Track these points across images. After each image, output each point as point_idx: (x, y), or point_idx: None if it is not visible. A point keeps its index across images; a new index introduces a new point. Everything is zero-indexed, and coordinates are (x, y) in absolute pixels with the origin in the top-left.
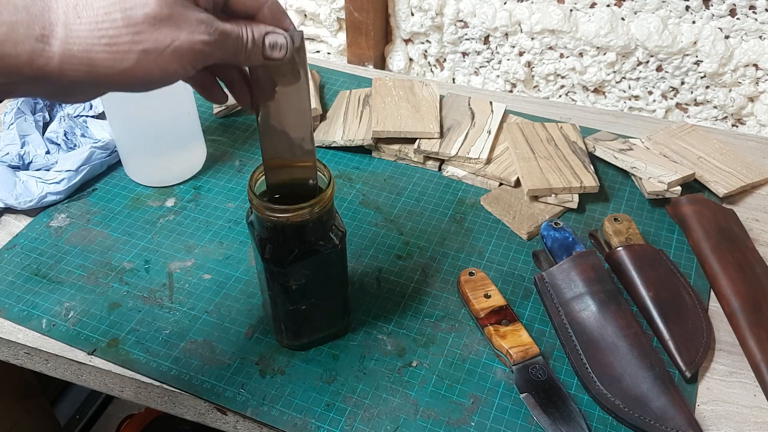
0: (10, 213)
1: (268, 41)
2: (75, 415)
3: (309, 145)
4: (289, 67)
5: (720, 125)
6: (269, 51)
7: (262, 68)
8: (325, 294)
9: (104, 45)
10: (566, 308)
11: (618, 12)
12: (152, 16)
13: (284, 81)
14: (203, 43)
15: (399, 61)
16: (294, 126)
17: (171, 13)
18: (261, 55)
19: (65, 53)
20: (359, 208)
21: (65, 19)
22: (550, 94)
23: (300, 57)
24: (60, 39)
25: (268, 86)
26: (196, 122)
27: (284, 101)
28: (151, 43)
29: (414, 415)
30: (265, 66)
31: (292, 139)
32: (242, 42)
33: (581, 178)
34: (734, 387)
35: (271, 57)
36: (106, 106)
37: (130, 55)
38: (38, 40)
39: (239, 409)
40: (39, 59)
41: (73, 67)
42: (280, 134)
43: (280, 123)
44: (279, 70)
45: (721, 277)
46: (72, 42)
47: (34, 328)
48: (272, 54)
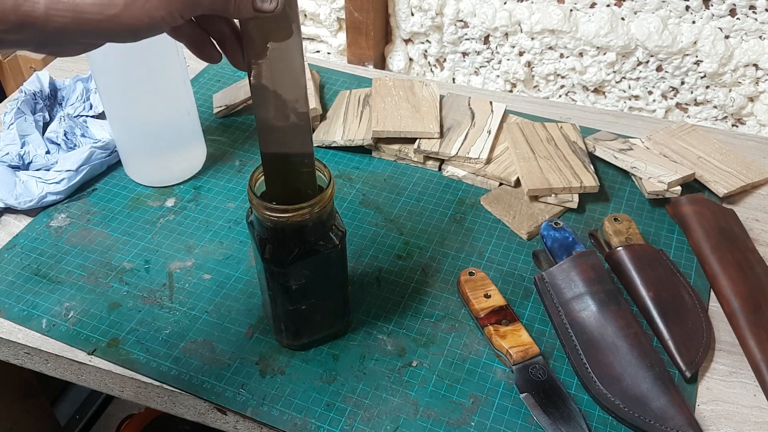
0: (10, 213)
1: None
2: (75, 415)
3: (303, 107)
4: (281, 22)
5: (720, 125)
6: (260, 3)
7: (254, 23)
8: (325, 294)
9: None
10: (566, 308)
11: (618, 12)
12: None
13: (276, 36)
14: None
15: (399, 61)
16: (287, 86)
17: None
18: (251, 6)
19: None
20: (359, 208)
21: None
22: (550, 94)
23: (292, 10)
24: None
25: (260, 42)
26: (196, 122)
27: (277, 59)
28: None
29: (414, 415)
30: (257, 20)
31: (285, 100)
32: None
33: (581, 178)
34: (734, 387)
35: (261, 9)
36: (106, 106)
37: (117, 1)
38: None
39: (239, 409)
40: (24, 5)
41: (60, 12)
42: (273, 95)
43: (272, 83)
44: (271, 24)
45: (721, 277)
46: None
47: (34, 328)
48: (263, 6)
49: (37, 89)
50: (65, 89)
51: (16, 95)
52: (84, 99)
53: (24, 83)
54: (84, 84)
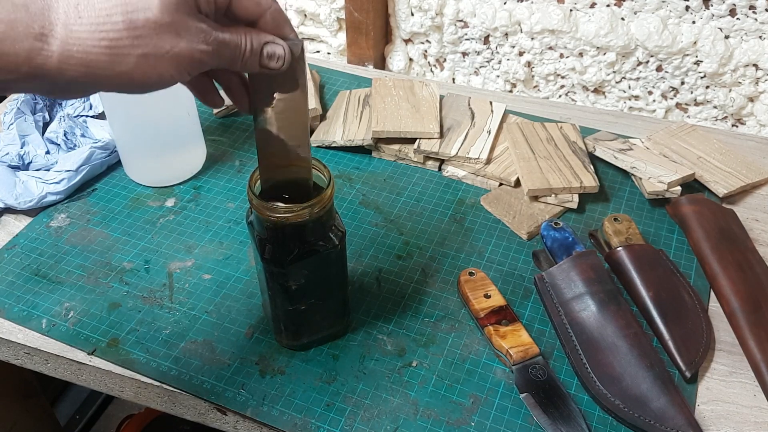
0: (10, 213)
1: (267, 51)
2: (75, 415)
3: (305, 153)
4: (288, 76)
5: (720, 125)
6: (267, 61)
7: (262, 75)
8: (324, 294)
9: (104, 47)
10: (566, 308)
11: (618, 12)
12: (153, 21)
13: (283, 89)
14: (201, 51)
15: (399, 61)
16: (291, 133)
17: (172, 20)
18: (258, 64)
19: (64, 53)
20: (359, 208)
21: (65, 19)
22: (550, 94)
23: (300, 66)
24: (59, 39)
25: (266, 93)
26: (196, 122)
27: (282, 108)
28: (151, 48)
29: (414, 415)
30: (264, 74)
31: (288, 145)
32: (240, 51)
33: (581, 178)
34: (734, 387)
35: (268, 66)
36: (106, 106)
37: (128, 59)
38: (37, 38)
39: (239, 409)
40: (37, 58)
41: (71, 66)
42: (277, 140)
43: (277, 129)
44: (278, 77)
45: (721, 277)
46: (71, 42)
47: (34, 328)
48: (270, 64)
49: None
50: None
51: (16, 95)
52: (84, 99)
53: None
54: None
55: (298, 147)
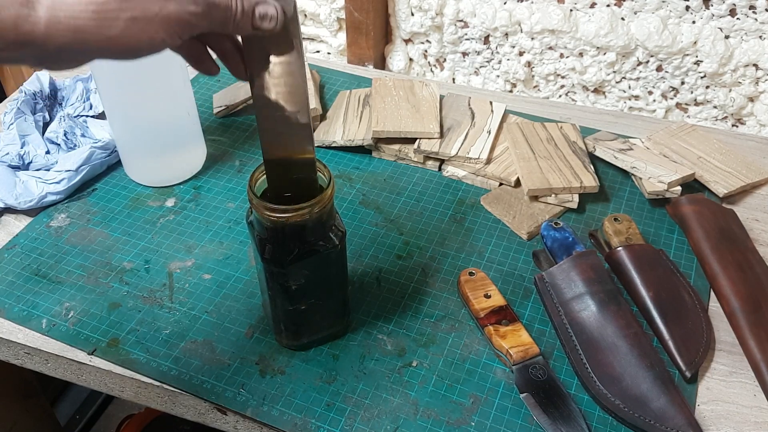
0: (10, 213)
1: (258, 11)
2: (75, 415)
3: (305, 118)
4: (282, 38)
5: (720, 125)
6: (259, 21)
7: (255, 39)
8: (324, 294)
9: (91, 12)
10: (566, 308)
11: (618, 12)
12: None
13: (278, 51)
14: (190, 13)
15: (399, 61)
16: (289, 98)
17: None
18: (250, 25)
19: (51, 19)
20: (359, 208)
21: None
22: (550, 94)
23: (293, 27)
24: (45, 4)
25: (261, 57)
26: (196, 122)
27: (279, 72)
28: (139, 11)
29: (414, 415)
30: (258, 36)
31: (287, 111)
32: (231, 12)
33: (581, 178)
34: (734, 387)
35: (260, 27)
36: (106, 106)
37: (117, 23)
38: (23, 5)
39: (239, 409)
40: (24, 24)
41: (59, 32)
42: (275, 106)
43: (275, 95)
44: (272, 40)
45: (721, 277)
46: (58, 8)
47: (34, 328)
48: (262, 25)
49: (37, 89)
50: (65, 89)
51: (16, 95)
52: (84, 99)
53: (24, 83)
54: (84, 84)
55: (298, 113)
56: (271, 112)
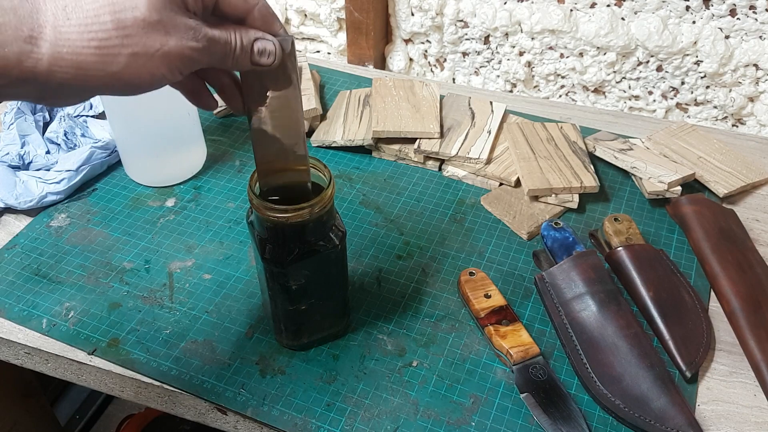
0: (10, 213)
1: (257, 47)
2: (75, 415)
3: (302, 150)
4: (280, 73)
5: (720, 125)
6: (258, 57)
7: (253, 73)
8: (325, 294)
9: (94, 48)
10: (566, 308)
11: (618, 12)
12: (141, 20)
13: (276, 86)
14: (191, 49)
15: (399, 61)
16: (286, 131)
17: (160, 18)
18: (249, 61)
19: (54, 55)
20: (359, 208)
21: (54, 21)
22: (550, 94)
23: (291, 63)
24: (49, 41)
25: (259, 91)
26: (196, 122)
27: (276, 107)
28: (140, 47)
29: (414, 415)
30: (256, 71)
31: (284, 144)
32: (230, 48)
33: (581, 178)
34: (734, 387)
35: (259, 63)
36: (106, 106)
37: (119, 59)
38: (26, 41)
39: (239, 409)
40: (27, 61)
41: (62, 68)
42: (273, 139)
43: (272, 128)
44: (270, 75)
45: (721, 277)
46: (61, 44)
47: (34, 328)
48: (261, 60)
49: None
50: None
51: None
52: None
53: None
54: None
55: (295, 145)
56: (268, 146)
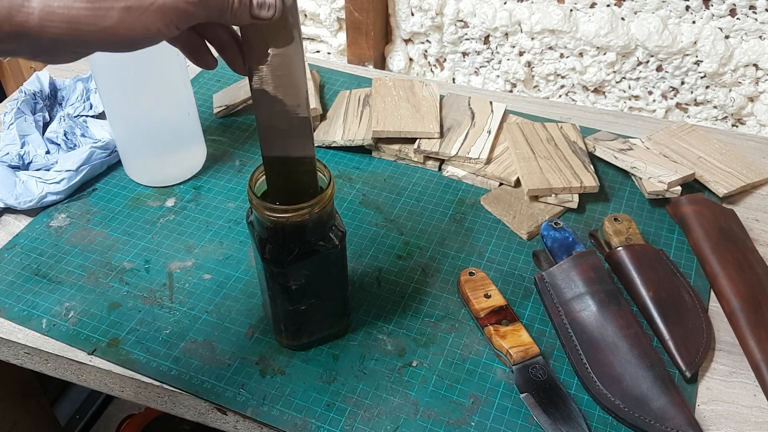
0: (10, 213)
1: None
2: (75, 415)
3: (304, 112)
4: (281, 28)
5: (720, 125)
6: (257, 10)
7: (254, 29)
8: (324, 294)
9: (85, 1)
10: (566, 308)
11: (618, 12)
12: None
13: (277, 43)
14: (186, 2)
15: (399, 61)
16: (289, 91)
17: None
18: (248, 14)
19: (45, 9)
20: (359, 208)
21: None
22: (550, 94)
23: (292, 17)
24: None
25: (260, 49)
26: (196, 122)
27: (278, 65)
28: (134, 1)
29: (414, 415)
30: (256, 27)
31: (286, 105)
32: (228, 1)
33: (581, 178)
34: (734, 387)
35: (259, 16)
36: (106, 106)
37: (112, 12)
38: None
39: (239, 409)
40: (18, 15)
41: (54, 23)
42: (275, 100)
43: (274, 88)
44: (271, 30)
45: (721, 277)
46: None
47: (34, 328)
48: (260, 13)
49: (37, 89)
50: (65, 89)
51: (16, 95)
52: (84, 99)
53: (24, 83)
54: (84, 84)
55: (297, 107)
56: (270, 107)
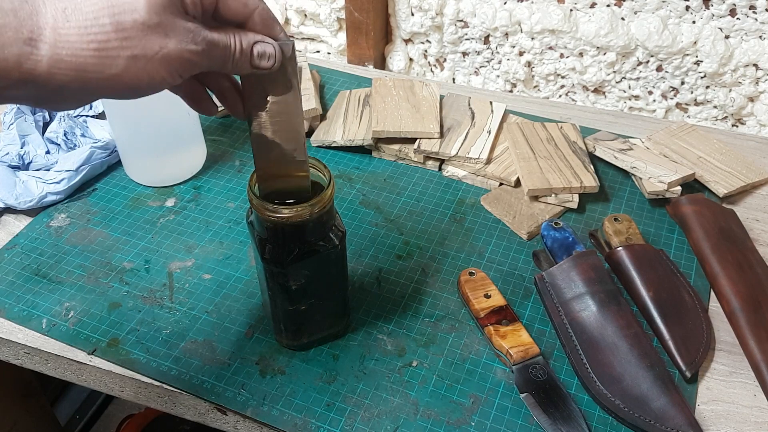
0: (10, 213)
1: (257, 50)
2: (75, 415)
3: (301, 156)
4: (280, 77)
5: (720, 125)
6: (257, 60)
7: (254, 78)
8: (324, 294)
9: (93, 50)
10: (566, 308)
11: (618, 12)
12: (141, 22)
13: (276, 91)
14: (191, 52)
15: (399, 61)
16: (286, 137)
17: (160, 21)
18: (249, 64)
19: (54, 57)
20: (359, 208)
21: (54, 23)
22: (550, 94)
23: (291, 67)
24: (48, 43)
25: (259, 96)
26: (196, 122)
27: (276, 111)
28: (140, 50)
29: (414, 415)
30: (256, 76)
31: (284, 149)
32: (230, 51)
33: (581, 178)
34: (734, 387)
35: (259, 66)
36: (106, 106)
37: (118, 61)
38: (26, 43)
39: (239, 409)
40: (27, 62)
41: (62, 71)
42: (273, 144)
43: (272, 133)
44: (270, 79)
45: (721, 277)
46: (60, 46)
47: (34, 328)
48: (261, 63)
49: None
50: None
51: None
52: None
53: None
54: None
55: (295, 151)
56: (268, 151)
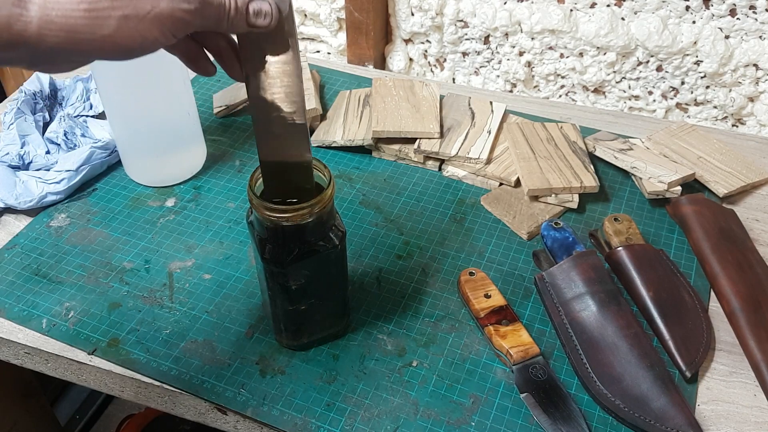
0: (10, 213)
1: (252, 8)
2: (75, 415)
3: (301, 119)
4: (277, 36)
5: (720, 125)
6: (253, 19)
7: (250, 37)
8: (324, 294)
9: (83, 10)
10: (566, 308)
11: (618, 12)
12: None
13: (273, 50)
14: (183, 10)
15: (399, 61)
16: (285, 98)
17: None
18: (245, 22)
19: (43, 18)
20: (359, 208)
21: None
22: (550, 94)
23: (289, 25)
24: (38, 3)
25: (257, 56)
26: (196, 122)
27: (274, 72)
28: (131, 9)
29: (414, 415)
30: (253, 35)
31: (283, 111)
32: (225, 9)
33: (581, 178)
34: (734, 387)
35: (255, 25)
36: (106, 106)
37: (109, 21)
38: (15, 5)
39: (239, 409)
40: (16, 24)
41: (52, 32)
42: (271, 106)
43: (270, 95)
44: (268, 39)
45: (721, 277)
46: (50, 7)
47: (34, 328)
48: (257, 22)
49: (37, 89)
50: (65, 89)
51: (16, 95)
52: (84, 99)
53: (24, 83)
54: (84, 84)
55: (294, 113)
56: (268, 114)
